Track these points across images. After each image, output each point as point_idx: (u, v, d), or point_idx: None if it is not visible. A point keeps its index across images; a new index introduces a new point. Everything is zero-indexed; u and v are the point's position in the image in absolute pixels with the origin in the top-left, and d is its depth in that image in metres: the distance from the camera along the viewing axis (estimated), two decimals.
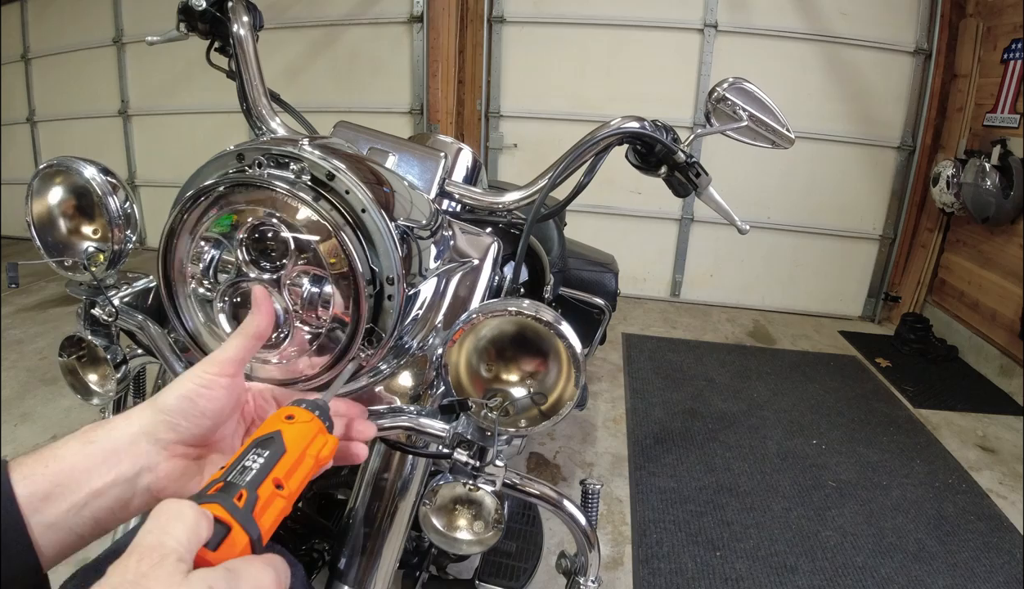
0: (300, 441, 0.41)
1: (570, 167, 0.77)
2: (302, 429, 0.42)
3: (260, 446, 0.39)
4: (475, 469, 0.61)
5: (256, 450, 0.39)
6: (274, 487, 0.37)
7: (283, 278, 0.55)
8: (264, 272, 0.55)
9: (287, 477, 0.39)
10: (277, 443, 0.40)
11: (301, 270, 0.55)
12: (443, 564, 1.06)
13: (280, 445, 0.40)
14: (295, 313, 0.55)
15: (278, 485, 0.38)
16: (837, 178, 3.71)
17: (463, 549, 0.69)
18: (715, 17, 3.59)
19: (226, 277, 0.56)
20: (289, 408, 0.43)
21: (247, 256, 0.56)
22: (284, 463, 0.39)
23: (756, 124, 0.81)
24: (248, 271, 0.56)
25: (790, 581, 1.66)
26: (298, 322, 0.56)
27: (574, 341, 0.56)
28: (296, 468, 0.40)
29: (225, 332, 0.58)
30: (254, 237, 0.55)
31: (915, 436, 2.44)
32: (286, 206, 0.53)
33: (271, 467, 0.38)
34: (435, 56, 3.62)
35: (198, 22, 0.92)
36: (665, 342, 3.32)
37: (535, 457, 2.19)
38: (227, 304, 0.57)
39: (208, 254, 0.56)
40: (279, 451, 0.39)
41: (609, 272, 1.88)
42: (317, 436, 0.43)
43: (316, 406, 0.44)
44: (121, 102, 4.55)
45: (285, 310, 0.55)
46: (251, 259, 0.56)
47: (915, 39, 3.47)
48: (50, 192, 0.73)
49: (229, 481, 0.36)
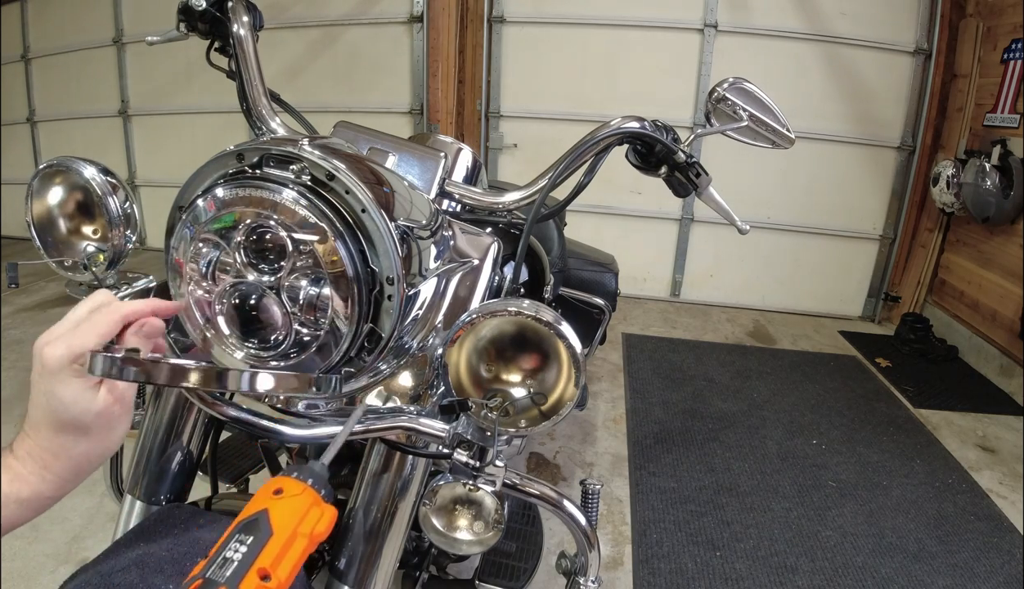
0: (290, 520, 0.37)
1: (570, 167, 0.77)
2: (292, 505, 0.37)
3: (243, 531, 0.35)
4: (475, 469, 0.61)
5: (239, 536, 0.35)
6: (259, 580, 0.33)
7: (281, 280, 0.55)
8: (263, 274, 0.55)
9: (275, 564, 0.34)
10: (262, 526, 0.36)
11: (299, 272, 0.54)
12: (443, 564, 1.06)
13: (266, 528, 0.36)
14: (293, 315, 0.55)
15: (264, 576, 0.34)
16: (837, 178, 3.71)
17: (463, 549, 0.69)
18: (715, 17, 3.59)
19: (224, 279, 0.56)
20: (278, 480, 0.39)
21: (245, 258, 0.55)
22: (271, 549, 0.35)
23: (756, 124, 0.81)
24: (247, 273, 0.55)
25: (790, 581, 1.66)
26: (297, 324, 0.55)
27: (574, 341, 0.56)
28: (286, 552, 0.35)
29: (224, 334, 0.57)
30: (252, 239, 0.55)
31: (915, 436, 2.44)
32: (283, 208, 0.53)
33: (255, 556, 0.34)
34: (435, 56, 3.62)
35: (198, 22, 0.92)
36: (665, 342, 3.32)
37: (535, 457, 2.19)
38: (225, 306, 0.57)
39: (207, 255, 0.56)
40: (265, 535, 0.35)
41: (609, 272, 1.88)
42: (311, 510, 0.38)
43: (310, 474, 0.40)
44: (121, 102, 4.55)
45: (283, 313, 0.55)
46: (249, 261, 0.55)
47: (915, 39, 3.47)
48: (50, 192, 0.73)
49: (208, 577, 0.33)
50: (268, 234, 0.55)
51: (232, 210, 0.54)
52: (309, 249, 0.53)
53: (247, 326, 0.57)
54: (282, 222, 0.53)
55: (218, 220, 0.54)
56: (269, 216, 0.53)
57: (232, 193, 0.54)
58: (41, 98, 4.81)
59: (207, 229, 0.55)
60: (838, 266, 3.86)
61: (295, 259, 0.54)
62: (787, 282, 3.94)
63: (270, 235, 0.54)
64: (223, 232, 0.55)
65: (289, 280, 0.55)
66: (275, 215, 0.53)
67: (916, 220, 3.69)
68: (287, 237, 0.53)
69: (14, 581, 1.53)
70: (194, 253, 0.56)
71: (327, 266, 0.53)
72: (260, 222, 0.54)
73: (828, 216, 3.79)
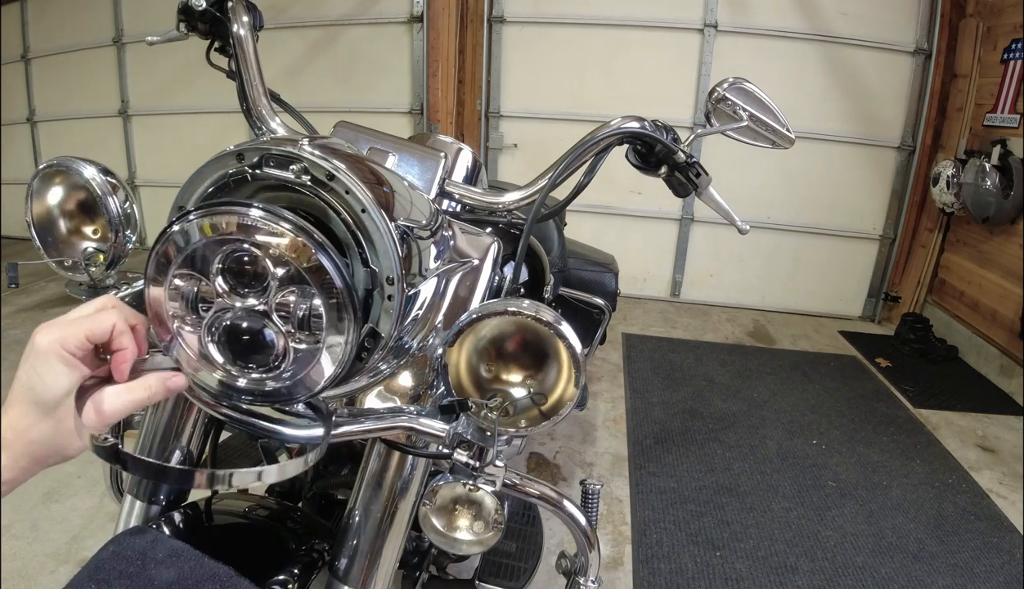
0: None
1: (570, 167, 0.77)
2: None
3: None
4: (475, 469, 0.61)
5: None
6: None
7: (269, 302, 0.51)
8: (247, 298, 0.52)
9: None
10: None
11: (286, 289, 0.51)
12: (443, 564, 1.06)
13: None
14: (288, 334, 0.52)
15: None
16: (837, 178, 3.71)
17: (463, 549, 0.69)
18: (715, 17, 3.59)
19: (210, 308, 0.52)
20: None
21: (226, 285, 0.51)
22: None
23: (756, 124, 0.81)
24: (231, 301, 0.52)
25: (790, 581, 1.66)
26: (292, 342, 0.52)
27: (574, 341, 0.56)
28: None
29: (219, 362, 0.53)
30: (230, 266, 0.51)
31: (915, 436, 2.44)
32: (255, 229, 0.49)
33: None
34: (435, 56, 3.62)
35: (198, 22, 0.92)
36: (665, 342, 3.32)
37: (535, 457, 2.19)
38: (214, 337, 0.53)
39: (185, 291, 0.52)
40: None
41: (609, 272, 1.88)
42: None
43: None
44: (121, 102, 4.55)
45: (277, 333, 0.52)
46: (231, 287, 0.52)
47: (915, 39, 3.47)
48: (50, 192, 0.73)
49: None
50: (246, 258, 0.51)
51: (204, 240, 0.50)
52: (291, 266, 0.50)
53: (241, 350, 0.54)
54: (257, 244, 0.50)
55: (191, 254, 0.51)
56: (243, 240, 0.50)
57: (200, 222, 0.50)
58: (41, 98, 4.81)
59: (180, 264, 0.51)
60: (838, 266, 3.86)
61: (277, 280, 0.51)
62: (787, 282, 3.94)
63: (247, 258, 0.51)
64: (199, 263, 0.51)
65: (277, 299, 0.51)
66: (249, 237, 0.50)
67: (916, 220, 3.69)
68: (265, 258, 0.50)
69: (14, 581, 1.53)
70: (172, 292, 0.52)
71: (313, 280, 0.50)
72: (235, 249, 0.50)
73: (828, 216, 3.79)
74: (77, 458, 0.49)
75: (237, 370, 0.54)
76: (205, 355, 0.53)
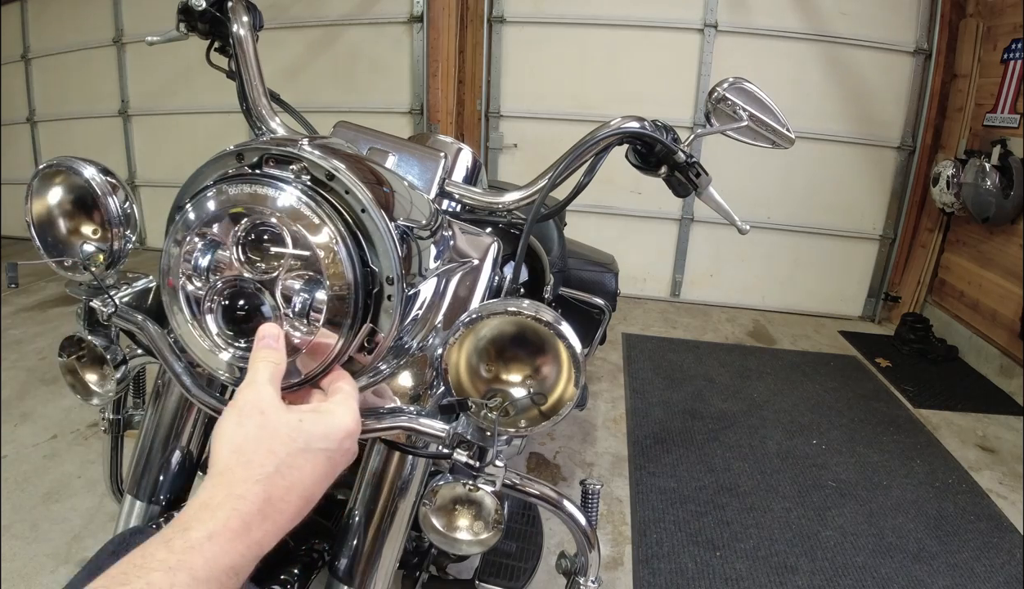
0: None
1: (570, 167, 0.77)
2: None
3: None
4: (475, 469, 0.61)
5: None
6: None
7: (277, 280, 0.54)
8: (258, 273, 0.54)
9: None
10: None
11: (296, 271, 0.53)
12: (443, 564, 1.06)
13: None
14: (286, 316, 0.54)
15: None
16: (837, 178, 3.72)
17: (463, 549, 0.69)
18: (715, 17, 3.59)
19: (218, 276, 0.55)
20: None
21: (242, 256, 0.54)
22: None
23: (756, 124, 0.81)
24: (243, 270, 0.54)
25: (790, 581, 1.66)
26: (290, 327, 0.54)
27: (574, 341, 0.56)
28: None
29: (212, 333, 0.56)
30: (250, 238, 0.54)
31: (915, 436, 2.44)
32: (286, 206, 0.52)
33: None
34: (435, 56, 3.63)
35: (198, 22, 0.92)
36: (665, 342, 3.32)
37: (535, 457, 2.19)
38: (216, 303, 0.56)
39: (203, 253, 0.55)
40: None
41: (609, 272, 1.88)
42: None
43: None
44: (121, 102, 4.55)
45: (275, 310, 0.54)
46: (246, 259, 0.54)
47: (915, 39, 3.47)
48: (50, 192, 0.73)
49: None
50: (267, 233, 0.54)
51: (234, 206, 0.53)
52: (309, 248, 0.52)
53: (237, 325, 0.56)
54: (283, 220, 0.52)
55: (218, 216, 0.54)
56: (272, 213, 0.52)
57: (237, 189, 0.53)
58: (41, 98, 4.81)
59: (204, 225, 0.54)
60: (838, 266, 3.86)
61: (291, 260, 0.53)
62: (787, 282, 3.94)
63: (269, 234, 0.54)
64: (222, 228, 0.54)
65: (285, 279, 0.54)
66: (278, 212, 0.52)
67: (916, 220, 3.69)
68: (287, 235, 0.52)
69: (14, 581, 1.53)
70: (189, 248, 0.55)
71: (326, 269, 0.52)
72: (262, 219, 0.53)
73: (828, 216, 3.80)
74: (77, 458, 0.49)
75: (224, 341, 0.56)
76: (199, 321, 0.56)
